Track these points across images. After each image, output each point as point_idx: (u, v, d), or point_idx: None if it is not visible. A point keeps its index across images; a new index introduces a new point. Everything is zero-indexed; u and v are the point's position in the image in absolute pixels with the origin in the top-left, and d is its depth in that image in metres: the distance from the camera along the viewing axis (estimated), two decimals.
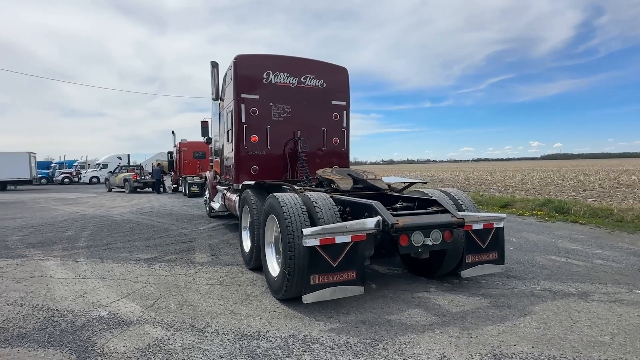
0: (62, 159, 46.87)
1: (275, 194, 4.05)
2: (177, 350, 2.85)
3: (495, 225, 4.15)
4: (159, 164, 24.09)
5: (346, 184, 4.84)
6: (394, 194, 4.98)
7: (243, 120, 6.62)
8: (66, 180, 38.09)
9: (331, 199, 3.96)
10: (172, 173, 22.69)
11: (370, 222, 3.48)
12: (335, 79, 7.29)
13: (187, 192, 17.83)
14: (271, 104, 6.77)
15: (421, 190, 4.83)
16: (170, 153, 23.13)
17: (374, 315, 3.51)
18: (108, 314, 3.59)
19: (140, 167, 26.87)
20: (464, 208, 4.49)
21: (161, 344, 2.95)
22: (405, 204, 4.47)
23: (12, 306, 3.82)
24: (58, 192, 24.28)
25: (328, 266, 3.33)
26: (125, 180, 22.48)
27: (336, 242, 3.35)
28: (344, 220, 3.90)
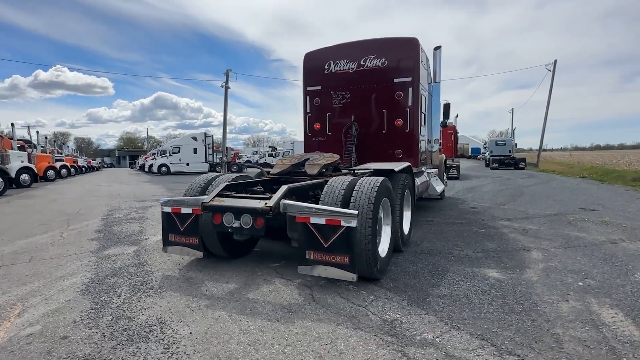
0: None
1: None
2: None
3: (343, 223, 3.43)
4: None
5: (277, 168, 5.05)
6: (318, 179, 4.67)
7: (308, 110, 7.54)
8: None
9: (227, 179, 4.68)
10: None
11: (203, 200, 4.10)
12: (398, 55, 6.71)
13: None
14: (331, 92, 7.26)
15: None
16: None
17: (191, 276, 4.15)
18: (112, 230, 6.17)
19: None
20: (353, 201, 3.81)
21: (96, 252, 5.14)
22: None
23: (97, 221, 7.18)
24: None
25: (177, 230, 4.33)
26: None
27: (182, 212, 4.28)
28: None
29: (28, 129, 35.73)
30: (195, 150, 30.31)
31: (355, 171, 5.14)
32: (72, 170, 28.77)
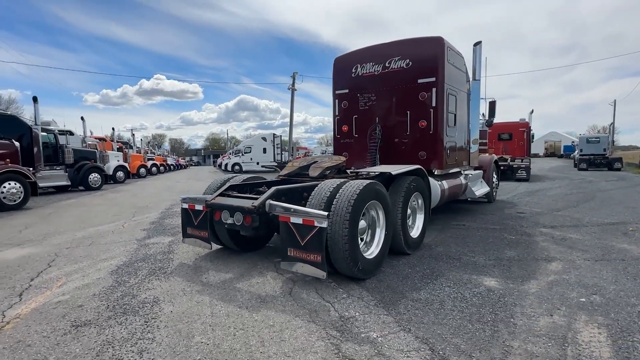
0: None
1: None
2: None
3: (316, 224, 3.68)
4: None
5: (286, 170, 5.36)
6: (315, 181, 4.87)
7: (337, 113, 7.77)
8: None
9: (238, 180, 5.18)
10: None
11: (207, 198, 4.63)
12: (423, 55, 6.61)
13: None
14: (358, 95, 7.40)
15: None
16: None
17: (201, 265, 4.67)
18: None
19: None
20: (335, 203, 4.00)
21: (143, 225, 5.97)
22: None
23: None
24: None
25: (192, 224, 4.94)
26: None
27: (195, 208, 4.88)
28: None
29: (131, 132, 41.33)
30: (264, 150, 32.21)
31: (359, 174, 5.27)
32: (162, 168, 32.60)
